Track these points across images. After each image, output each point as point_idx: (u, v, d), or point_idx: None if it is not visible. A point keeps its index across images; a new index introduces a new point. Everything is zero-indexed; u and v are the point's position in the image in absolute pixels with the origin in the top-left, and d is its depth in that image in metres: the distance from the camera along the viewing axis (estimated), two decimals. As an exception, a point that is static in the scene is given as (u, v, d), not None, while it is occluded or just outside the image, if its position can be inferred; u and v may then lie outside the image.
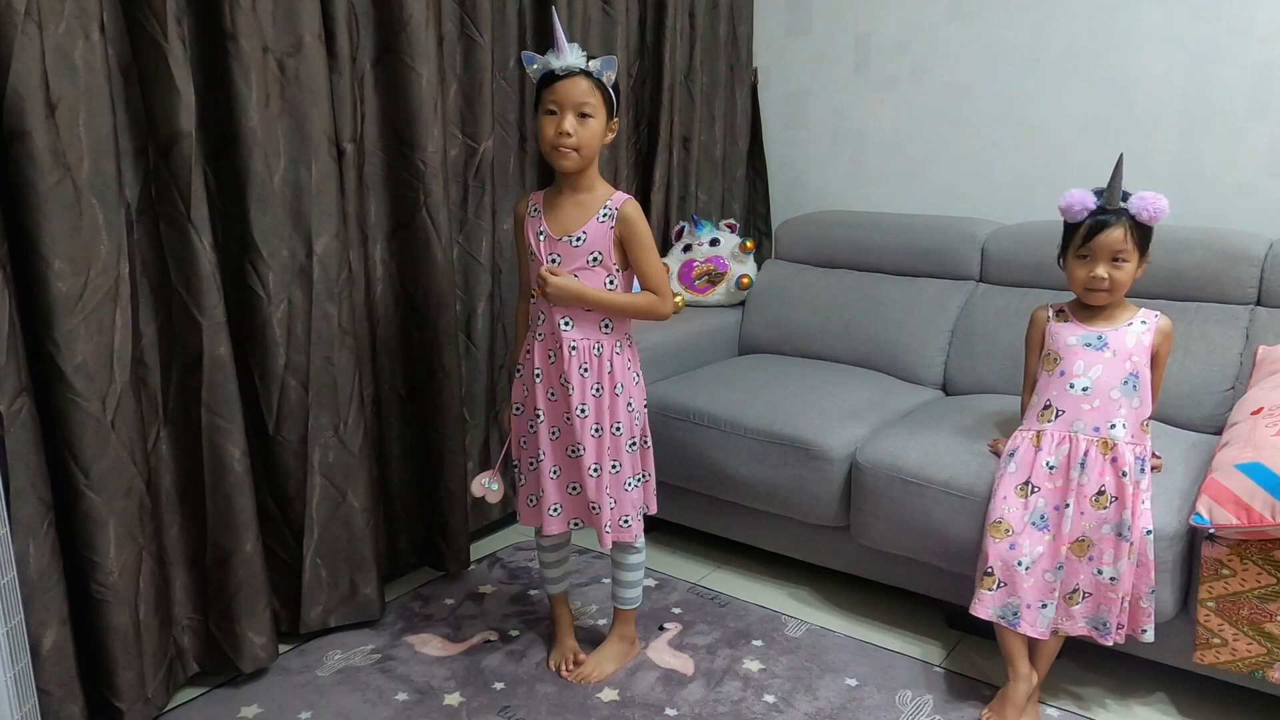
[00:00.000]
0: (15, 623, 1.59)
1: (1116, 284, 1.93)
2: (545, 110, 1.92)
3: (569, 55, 1.89)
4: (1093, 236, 1.92)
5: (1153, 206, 1.89)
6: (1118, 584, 1.90)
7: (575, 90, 1.89)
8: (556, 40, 1.90)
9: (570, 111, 1.89)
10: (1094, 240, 1.92)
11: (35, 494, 1.71)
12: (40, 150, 1.66)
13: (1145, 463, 1.93)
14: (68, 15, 1.69)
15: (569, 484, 2.07)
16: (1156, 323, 1.98)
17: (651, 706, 2.07)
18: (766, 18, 3.56)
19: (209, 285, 1.96)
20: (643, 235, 1.99)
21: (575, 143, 1.90)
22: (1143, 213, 1.90)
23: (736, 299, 3.28)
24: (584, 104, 1.89)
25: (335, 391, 2.21)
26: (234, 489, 2.05)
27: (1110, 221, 1.90)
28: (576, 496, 2.07)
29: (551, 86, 1.90)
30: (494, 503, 2.17)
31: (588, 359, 2.00)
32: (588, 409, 2.00)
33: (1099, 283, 1.93)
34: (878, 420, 2.50)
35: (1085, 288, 1.96)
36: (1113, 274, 1.92)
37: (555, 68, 1.89)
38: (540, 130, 1.93)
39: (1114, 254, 1.91)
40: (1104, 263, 1.92)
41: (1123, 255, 1.91)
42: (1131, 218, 1.90)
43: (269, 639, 2.15)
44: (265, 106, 2.02)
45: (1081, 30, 2.90)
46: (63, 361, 1.74)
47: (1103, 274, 1.92)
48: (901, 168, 3.33)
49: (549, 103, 1.91)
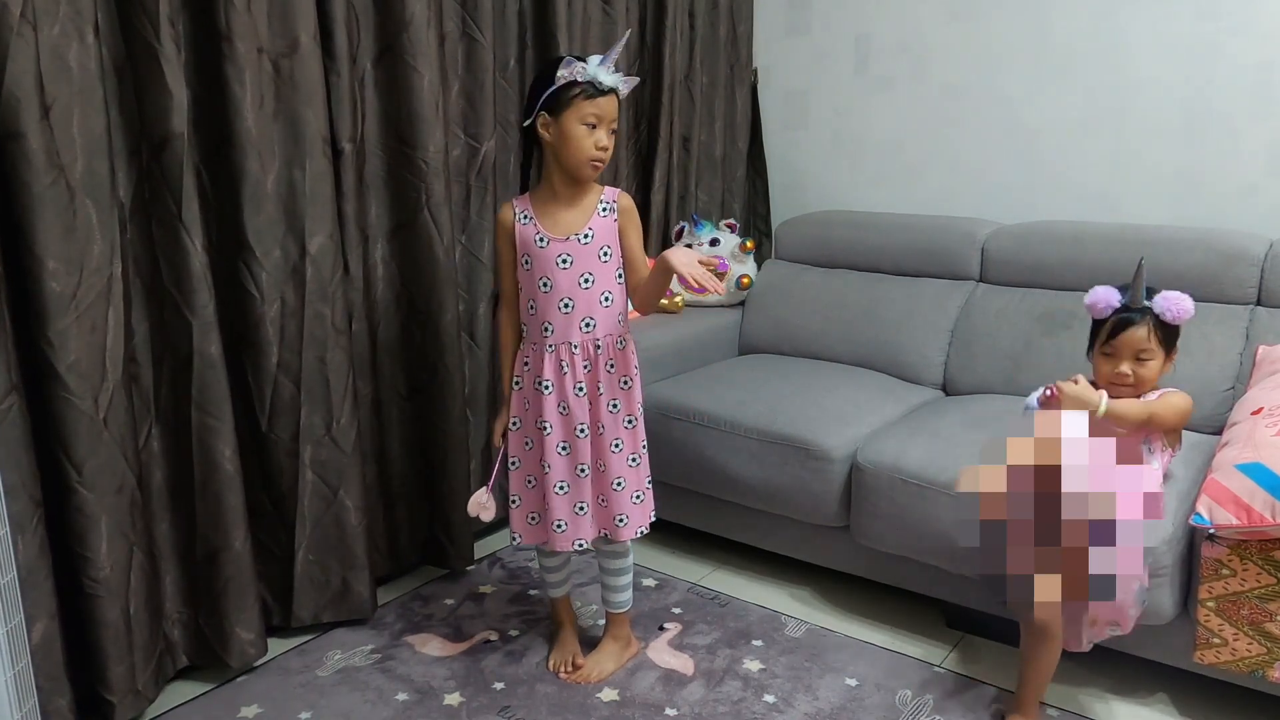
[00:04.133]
0: (15, 623, 1.58)
1: (1141, 380, 1.92)
2: (585, 122, 1.92)
3: (613, 75, 1.93)
4: (1116, 335, 1.91)
5: (1176, 307, 1.89)
6: None
7: (612, 108, 1.95)
8: (613, 56, 1.93)
9: (605, 127, 1.94)
10: (1117, 339, 1.91)
11: (25, 491, 1.72)
12: (35, 151, 1.67)
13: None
14: (62, 17, 1.70)
15: (576, 503, 2.05)
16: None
17: (651, 706, 2.07)
18: (766, 18, 3.55)
19: (200, 285, 1.97)
20: (638, 226, 2.07)
21: (608, 158, 1.96)
22: (1166, 312, 1.89)
23: (736, 299, 3.27)
24: (615, 120, 1.96)
25: (328, 390, 2.21)
26: (223, 487, 2.06)
27: (1134, 320, 1.90)
28: (582, 516, 2.05)
29: (594, 100, 1.91)
30: (487, 521, 2.16)
31: (613, 354, 2.02)
32: (619, 403, 2.02)
33: (1123, 379, 1.92)
34: (878, 420, 2.49)
35: (1110, 383, 1.95)
36: (1137, 371, 1.91)
37: (604, 83, 1.91)
38: (573, 140, 1.92)
39: (1137, 352, 1.91)
40: (1128, 360, 1.92)
41: (1146, 354, 1.90)
42: (1156, 316, 1.90)
43: (257, 635, 2.16)
44: (260, 107, 2.03)
45: (1081, 30, 2.89)
46: (56, 360, 1.75)
47: (1126, 371, 1.91)
48: (901, 168, 3.33)
49: (590, 115, 1.92)
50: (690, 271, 1.90)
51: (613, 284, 2.01)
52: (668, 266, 1.93)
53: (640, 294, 2.04)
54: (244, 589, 2.12)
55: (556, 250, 1.97)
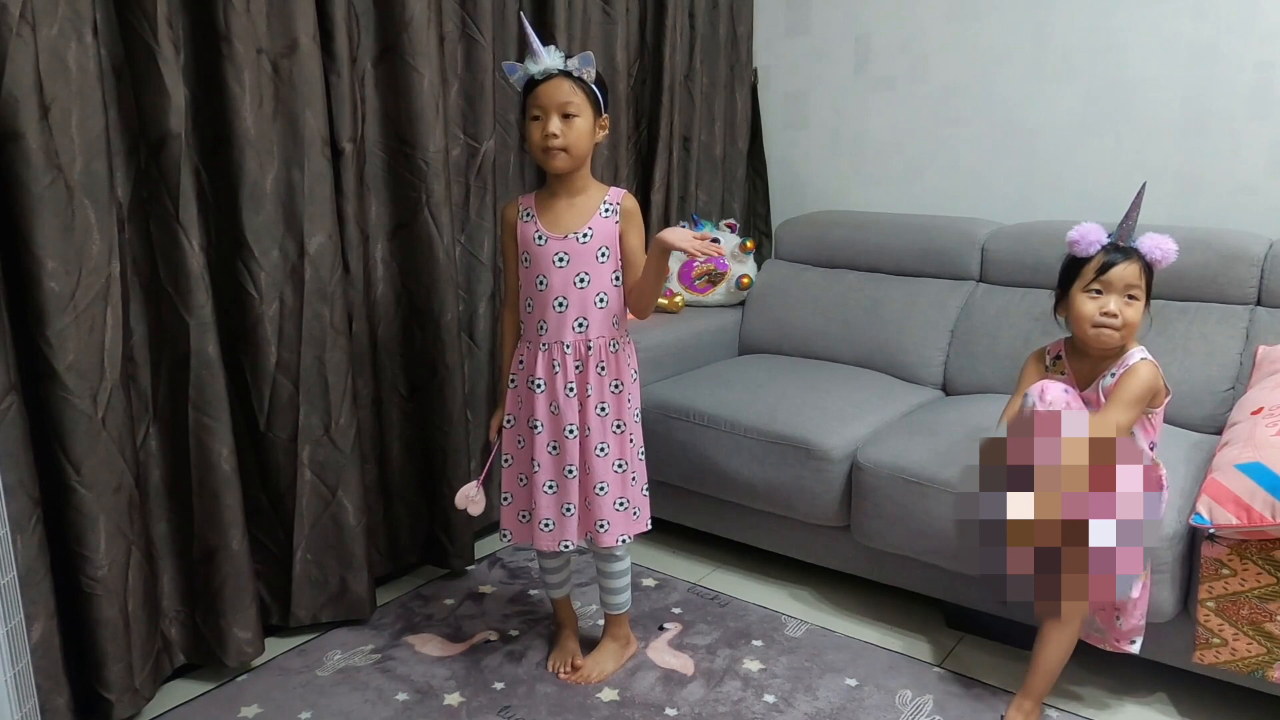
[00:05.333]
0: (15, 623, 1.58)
1: (1127, 322, 1.86)
2: (531, 116, 1.93)
3: (545, 58, 1.89)
4: (1107, 270, 1.86)
5: (1164, 248, 1.86)
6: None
7: (557, 92, 1.90)
8: (531, 44, 1.91)
9: (554, 113, 1.90)
10: (1108, 274, 1.86)
11: (24, 490, 1.73)
12: (34, 151, 1.67)
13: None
14: (61, 18, 1.70)
15: (563, 504, 2.03)
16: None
17: (651, 706, 2.07)
18: (766, 18, 3.55)
19: (197, 285, 1.97)
20: (640, 228, 2.03)
21: (563, 143, 1.90)
22: (1154, 252, 1.86)
23: (736, 299, 3.28)
24: (566, 104, 1.90)
25: (326, 391, 2.21)
26: (220, 486, 2.06)
27: (1125, 257, 1.87)
28: (569, 517, 2.03)
29: (533, 92, 1.91)
30: (475, 515, 2.16)
31: (605, 356, 2.00)
32: (608, 407, 2.01)
33: (1111, 319, 1.86)
34: (878, 420, 2.50)
35: (1094, 324, 1.88)
36: (1124, 310, 1.86)
37: (534, 72, 1.91)
38: (528, 136, 1.94)
39: (1128, 288, 1.86)
40: (1116, 297, 1.86)
41: (1135, 292, 1.86)
42: (1142, 257, 1.87)
43: (254, 634, 2.16)
44: (259, 107, 2.03)
45: (1081, 30, 2.90)
46: (55, 359, 1.75)
47: (1115, 309, 1.85)
48: (901, 168, 3.33)
49: (533, 108, 1.92)
50: (689, 245, 1.90)
51: (609, 286, 2.00)
52: (665, 245, 1.91)
53: (638, 288, 2.00)
54: (241, 588, 2.12)
55: (554, 248, 1.97)
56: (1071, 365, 2.00)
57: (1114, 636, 1.96)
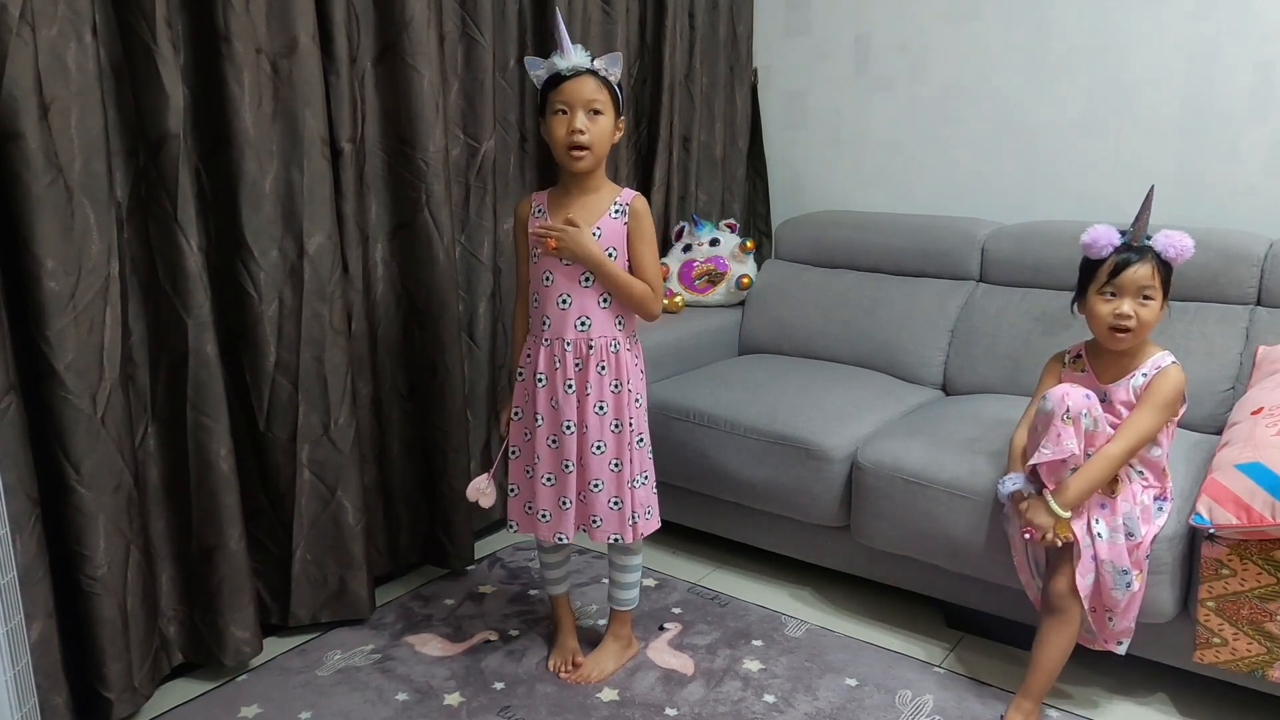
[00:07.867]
0: (15, 623, 1.58)
1: (1142, 323, 1.87)
2: (555, 111, 1.92)
3: (574, 55, 1.90)
4: (1119, 272, 1.87)
5: (1179, 244, 1.85)
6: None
7: (584, 89, 1.90)
8: (561, 41, 1.91)
9: (580, 109, 1.90)
10: (1121, 276, 1.86)
11: (23, 490, 1.73)
12: (33, 151, 1.67)
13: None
14: (60, 18, 1.70)
15: (560, 497, 2.04)
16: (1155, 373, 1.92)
17: (651, 706, 2.07)
18: (766, 18, 3.55)
19: (195, 285, 1.97)
20: (647, 231, 2.01)
21: (589, 140, 1.90)
22: (1169, 250, 1.86)
23: (736, 299, 3.27)
24: (593, 101, 1.91)
25: (325, 391, 2.21)
26: (219, 486, 2.06)
27: (1136, 258, 1.86)
28: (566, 510, 2.04)
29: (559, 88, 1.91)
30: (486, 507, 2.16)
31: (605, 357, 2.00)
32: (606, 406, 2.00)
33: (1125, 320, 1.87)
34: (878, 420, 2.49)
35: (1110, 327, 1.89)
36: (1139, 312, 1.86)
37: (562, 69, 1.90)
38: (551, 132, 1.93)
39: (1141, 290, 1.86)
40: (1130, 299, 1.87)
41: (1149, 292, 1.86)
42: (1157, 255, 1.87)
43: (253, 634, 2.16)
44: (258, 107, 2.03)
45: (1081, 30, 2.89)
46: (54, 359, 1.75)
47: (1129, 311, 1.86)
48: (901, 168, 3.33)
49: (558, 104, 1.91)
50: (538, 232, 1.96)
51: None
52: (572, 255, 1.95)
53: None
54: (239, 588, 2.12)
55: None
56: (1092, 363, 2.01)
57: (1104, 637, 1.96)
